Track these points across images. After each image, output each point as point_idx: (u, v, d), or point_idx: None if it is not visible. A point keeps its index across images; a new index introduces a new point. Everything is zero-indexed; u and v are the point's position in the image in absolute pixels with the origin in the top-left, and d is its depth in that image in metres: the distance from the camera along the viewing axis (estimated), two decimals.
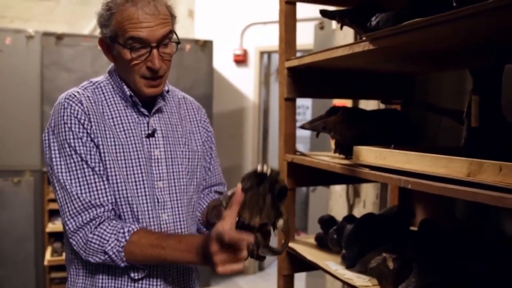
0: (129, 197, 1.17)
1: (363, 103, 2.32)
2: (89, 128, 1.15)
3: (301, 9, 1.81)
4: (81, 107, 1.16)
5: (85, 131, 1.15)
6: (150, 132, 1.23)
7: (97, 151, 1.15)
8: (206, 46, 4.10)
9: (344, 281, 1.43)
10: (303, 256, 1.65)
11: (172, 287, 1.23)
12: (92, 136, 1.15)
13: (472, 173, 0.93)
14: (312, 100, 3.70)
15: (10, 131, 3.51)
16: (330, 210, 2.73)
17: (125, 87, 1.21)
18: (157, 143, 1.24)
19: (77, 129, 1.14)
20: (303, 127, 1.59)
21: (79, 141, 1.14)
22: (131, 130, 1.21)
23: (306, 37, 3.42)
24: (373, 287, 1.35)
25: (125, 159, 1.18)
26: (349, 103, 2.40)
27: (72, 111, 1.15)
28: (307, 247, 1.74)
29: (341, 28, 1.54)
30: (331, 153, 1.75)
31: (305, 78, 1.72)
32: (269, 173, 0.99)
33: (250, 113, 4.88)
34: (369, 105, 2.27)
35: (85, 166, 1.14)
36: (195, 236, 1.25)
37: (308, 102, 5.80)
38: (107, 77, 1.26)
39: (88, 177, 1.14)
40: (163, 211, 1.22)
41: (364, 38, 1.20)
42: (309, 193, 3.76)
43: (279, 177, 1.00)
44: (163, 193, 1.22)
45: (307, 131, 1.73)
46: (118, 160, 1.17)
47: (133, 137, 1.20)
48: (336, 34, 2.73)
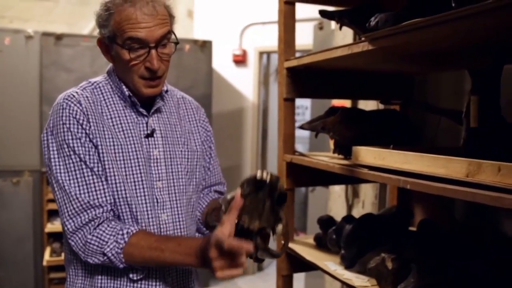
0: (128, 197, 1.17)
1: (362, 104, 2.32)
2: (88, 128, 1.15)
3: (300, 10, 1.81)
4: (80, 107, 1.16)
5: (83, 131, 1.15)
6: (149, 132, 1.23)
7: (96, 152, 1.15)
8: (205, 46, 4.10)
9: (343, 281, 1.43)
10: (302, 256, 1.65)
11: None
12: (91, 136, 1.15)
13: (471, 174, 0.93)
14: (311, 100, 3.70)
15: (9, 131, 3.51)
16: (329, 210, 2.73)
17: (124, 87, 1.21)
18: (156, 143, 1.23)
19: (76, 130, 1.14)
20: (302, 127, 1.59)
21: (78, 142, 1.14)
22: (130, 130, 1.21)
23: (305, 37, 3.42)
24: (372, 287, 1.35)
25: (124, 159, 1.18)
26: (348, 103, 2.40)
27: (70, 112, 1.15)
28: (306, 248, 1.74)
29: (340, 28, 1.54)
30: (330, 153, 1.75)
31: (304, 78, 1.72)
32: (268, 180, 0.98)
33: (249, 113, 4.87)
34: (368, 106, 2.27)
35: (83, 166, 1.14)
36: (195, 239, 1.25)
37: (307, 102, 5.79)
38: (106, 77, 1.26)
39: (87, 178, 1.13)
40: (162, 211, 1.21)
41: (363, 38, 1.20)
42: (308, 193, 3.77)
43: (278, 183, 1.00)
44: (162, 193, 1.22)
45: (306, 131, 1.73)
46: (117, 160, 1.17)
47: (132, 137, 1.20)
48: (335, 34, 2.73)
